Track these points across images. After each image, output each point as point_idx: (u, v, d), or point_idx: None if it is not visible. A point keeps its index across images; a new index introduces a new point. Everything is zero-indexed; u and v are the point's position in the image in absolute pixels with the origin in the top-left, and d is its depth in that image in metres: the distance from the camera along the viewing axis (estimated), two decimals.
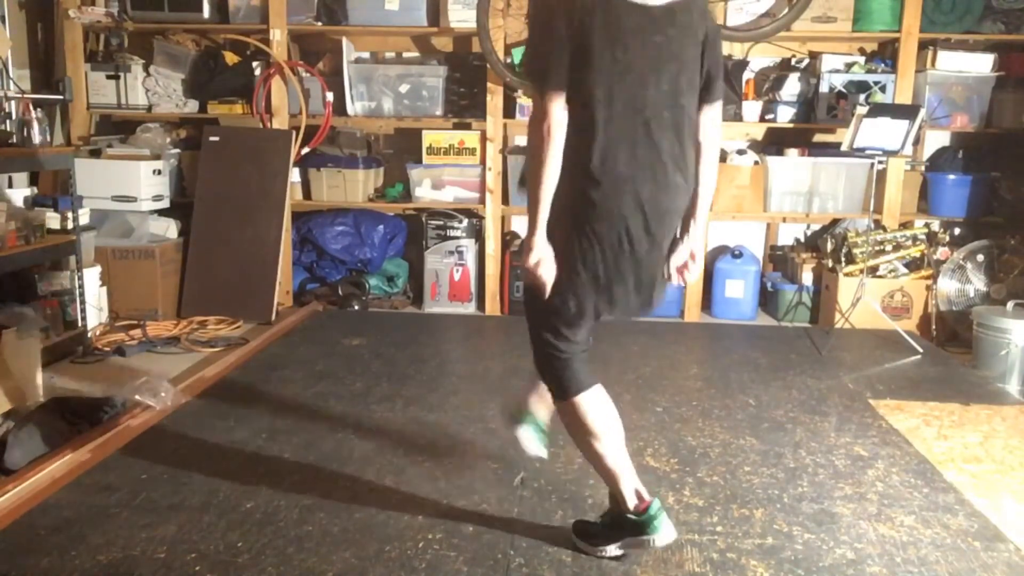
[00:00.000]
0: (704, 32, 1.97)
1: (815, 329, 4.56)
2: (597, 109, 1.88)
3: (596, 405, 2.08)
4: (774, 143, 4.95)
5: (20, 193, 3.85)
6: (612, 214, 1.93)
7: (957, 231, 4.85)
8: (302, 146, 4.73)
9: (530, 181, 1.93)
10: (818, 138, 5.03)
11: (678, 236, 2.10)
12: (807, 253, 4.91)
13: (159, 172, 4.53)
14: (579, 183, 1.91)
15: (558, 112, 1.86)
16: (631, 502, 2.08)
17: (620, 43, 1.87)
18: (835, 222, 4.92)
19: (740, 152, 4.81)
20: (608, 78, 1.87)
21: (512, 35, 4.68)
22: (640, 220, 1.94)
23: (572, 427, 2.13)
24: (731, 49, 4.85)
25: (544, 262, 1.96)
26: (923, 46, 4.53)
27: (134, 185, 4.40)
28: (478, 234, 4.84)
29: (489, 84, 4.63)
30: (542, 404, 2.36)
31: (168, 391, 3.19)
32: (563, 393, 2.10)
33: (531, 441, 2.39)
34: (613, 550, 2.14)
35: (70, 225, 3.80)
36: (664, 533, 2.06)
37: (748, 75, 4.79)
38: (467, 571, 2.08)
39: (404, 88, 4.79)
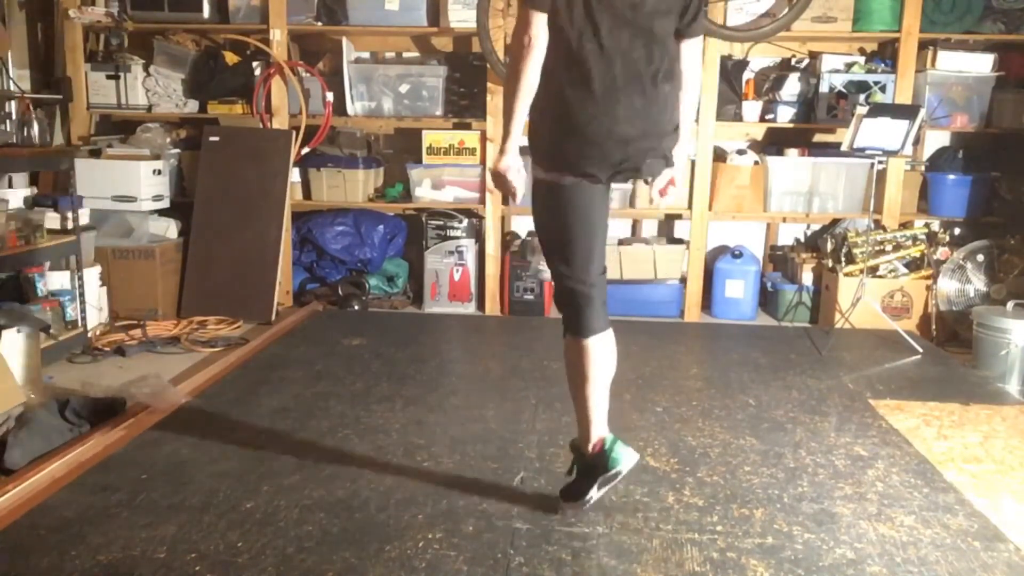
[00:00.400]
0: None
1: (815, 329, 4.56)
2: (584, 33, 2.05)
3: (598, 353, 2.22)
4: (774, 143, 4.94)
5: (20, 193, 3.85)
6: (606, 133, 2.08)
7: (957, 231, 4.85)
8: (302, 146, 4.72)
9: (508, 93, 2.07)
10: (818, 138, 5.03)
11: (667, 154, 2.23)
12: (807, 253, 4.91)
13: (159, 172, 4.53)
14: (571, 105, 2.07)
15: (539, 27, 2.03)
16: (590, 446, 2.25)
17: None
18: (835, 222, 4.92)
19: (740, 152, 4.81)
20: (597, 5, 2.04)
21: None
22: (618, 131, 2.09)
23: (569, 363, 2.29)
24: (731, 49, 4.85)
25: (513, 169, 2.11)
26: (923, 46, 4.53)
27: (134, 185, 4.40)
28: (478, 234, 4.84)
29: (489, 84, 4.63)
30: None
31: (168, 391, 3.19)
32: (573, 331, 2.26)
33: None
34: (595, 493, 2.26)
35: (70, 225, 3.80)
36: (626, 460, 2.22)
37: (748, 75, 4.79)
38: (467, 571, 2.08)
39: (404, 88, 4.80)
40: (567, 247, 2.22)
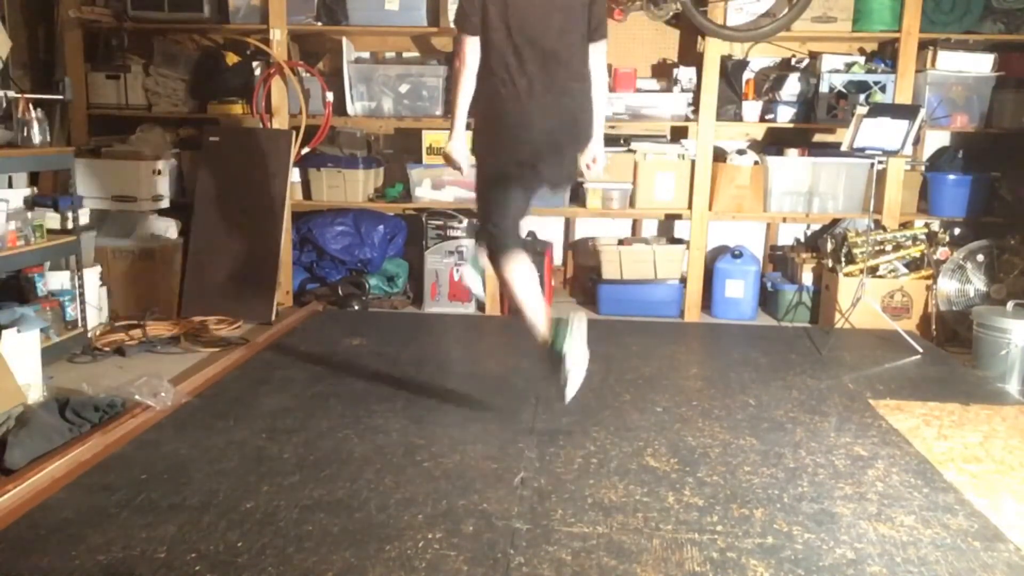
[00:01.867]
0: None
1: (815, 329, 4.56)
2: (503, 48, 2.69)
3: (516, 269, 2.79)
4: (774, 143, 4.94)
5: (20, 193, 3.85)
6: (524, 125, 2.74)
7: (957, 231, 4.85)
8: (302, 146, 4.72)
9: (451, 96, 2.79)
10: (818, 138, 5.03)
11: (584, 142, 2.87)
12: (807, 253, 4.91)
13: (159, 172, 4.52)
14: (496, 103, 2.75)
15: (470, 47, 2.72)
16: (541, 339, 2.75)
17: None
18: (835, 222, 4.92)
19: (740, 152, 4.81)
20: (506, 21, 2.67)
21: None
22: (531, 125, 2.74)
23: (502, 283, 2.89)
24: (731, 49, 4.85)
25: (458, 151, 2.83)
26: (923, 46, 4.53)
27: (134, 185, 4.41)
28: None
29: None
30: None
31: (168, 391, 3.19)
32: (493, 255, 2.85)
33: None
34: (570, 379, 2.69)
35: (70, 225, 3.80)
36: (572, 347, 2.65)
37: (748, 75, 4.79)
38: (467, 571, 2.08)
39: (404, 88, 4.79)
40: (488, 205, 2.88)
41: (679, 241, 5.01)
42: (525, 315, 2.77)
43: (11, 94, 3.86)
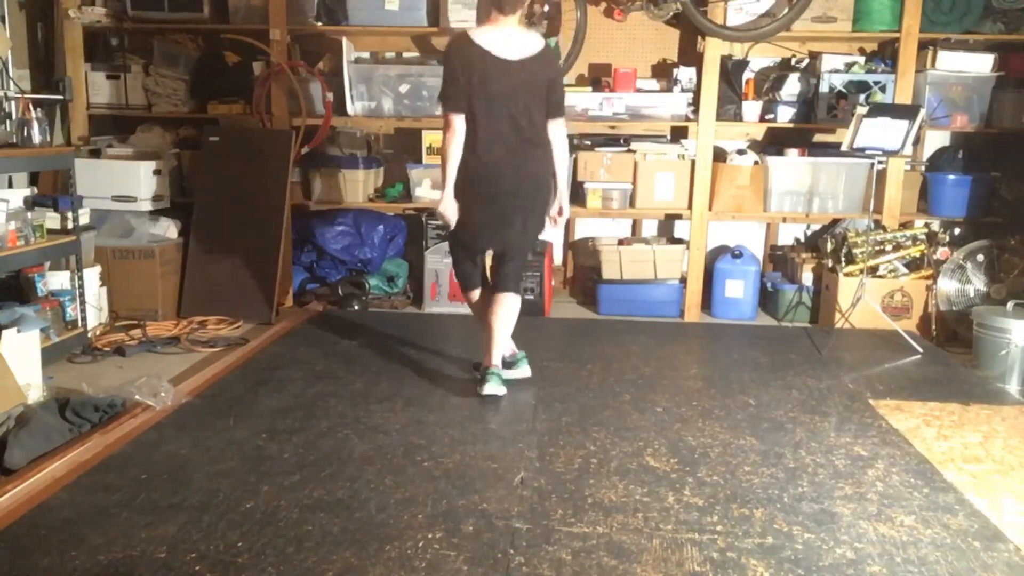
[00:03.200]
0: (549, 73, 3.27)
1: (815, 329, 4.56)
2: (479, 122, 3.17)
3: (480, 299, 3.45)
4: (774, 143, 4.95)
5: (20, 193, 3.85)
6: (492, 182, 3.22)
7: (957, 231, 4.85)
8: (302, 146, 4.72)
9: (442, 164, 3.23)
10: (818, 138, 5.03)
11: (549, 199, 3.39)
12: (807, 253, 4.91)
13: (159, 172, 4.53)
14: (471, 166, 3.20)
15: (458, 124, 3.17)
16: (488, 361, 3.36)
17: (493, 81, 3.14)
18: (835, 222, 4.92)
19: (740, 152, 4.81)
20: (485, 103, 3.16)
21: None
22: (509, 184, 3.23)
23: (472, 309, 3.54)
24: (731, 49, 4.85)
25: (449, 209, 3.24)
26: (923, 46, 4.53)
27: (134, 185, 4.41)
28: None
29: None
30: (494, 355, 3.40)
31: (168, 391, 3.19)
32: (463, 288, 3.51)
33: (496, 387, 3.34)
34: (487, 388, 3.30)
35: (70, 225, 3.80)
36: (490, 386, 3.30)
37: (748, 75, 4.79)
38: (467, 571, 2.08)
39: (404, 88, 4.79)
40: (461, 246, 3.42)
41: (679, 241, 5.01)
42: (489, 340, 3.36)
43: (11, 94, 3.87)
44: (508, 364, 3.52)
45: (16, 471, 2.54)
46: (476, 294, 3.49)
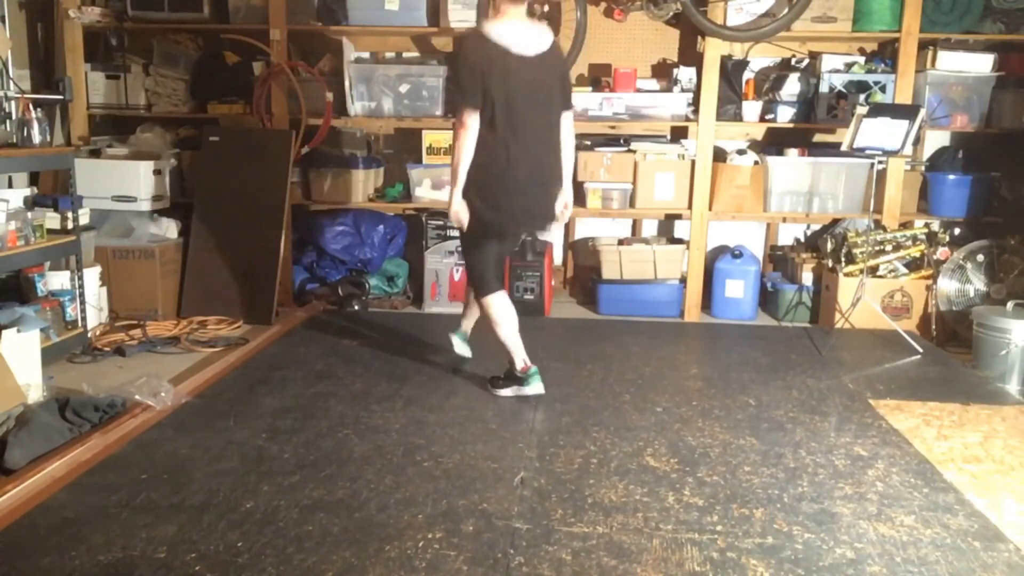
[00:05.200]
0: (561, 67, 3.34)
1: (815, 329, 4.56)
2: (497, 118, 3.12)
3: (499, 304, 3.33)
4: (774, 143, 4.94)
5: (20, 193, 3.85)
6: (514, 178, 3.19)
7: (957, 231, 4.84)
8: (302, 146, 4.72)
9: (453, 162, 3.17)
10: (818, 138, 5.03)
11: (559, 192, 3.36)
12: (807, 253, 4.91)
13: (159, 172, 4.52)
14: (496, 162, 3.16)
15: (472, 120, 3.11)
16: (519, 366, 3.34)
17: (513, 78, 3.11)
18: (835, 222, 4.92)
19: (740, 152, 4.81)
20: (503, 99, 3.10)
21: None
22: (522, 184, 3.20)
23: (487, 316, 3.37)
24: (731, 49, 4.85)
25: (460, 211, 3.19)
26: (923, 46, 4.53)
27: (134, 185, 4.40)
28: None
29: None
30: (467, 320, 3.72)
31: (168, 391, 3.19)
32: (480, 293, 3.37)
33: (459, 345, 3.73)
34: (507, 392, 3.37)
35: (70, 225, 3.80)
36: (534, 387, 3.34)
37: (748, 75, 4.79)
38: (467, 571, 2.08)
39: (404, 88, 4.79)
40: (477, 248, 3.36)
41: (679, 241, 5.01)
42: (507, 346, 3.34)
43: (11, 94, 3.86)
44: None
45: (16, 471, 2.54)
46: (503, 294, 3.38)
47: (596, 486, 2.56)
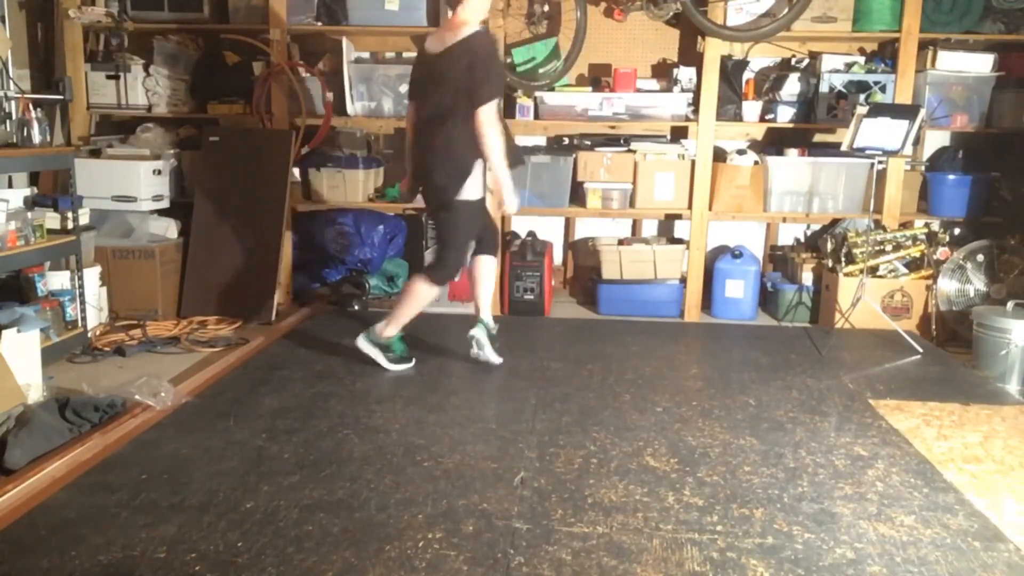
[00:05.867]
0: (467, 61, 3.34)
1: (815, 329, 4.56)
2: (420, 112, 3.54)
3: (432, 296, 3.58)
4: (774, 143, 4.95)
5: (20, 193, 3.85)
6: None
7: (957, 231, 4.85)
8: (302, 146, 4.72)
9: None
10: (818, 138, 5.03)
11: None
12: (807, 253, 4.91)
13: (159, 172, 4.53)
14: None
15: (408, 110, 3.68)
16: (389, 332, 3.62)
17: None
18: (835, 222, 4.92)
19: (740, 152, 4.81)
20: (421, 95, 3.56)
21: (512, 35, 4.68)
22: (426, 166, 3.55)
23: (412, 292, 3.55)
24: (731, 49, 4.85)
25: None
26: (923, 46, 4.53)
27: (134, 185, 4.40)
28: None
29: None
30: (484, 310, 3.77)
31: (168, 391, 3.19)
32: (439, 279, 3.56)
33: (486, 347, 3.73)
34: (384, 363, 3.64)
35: (70, 225, 3.80)
36: (396, 357, 3.66)
37: (748, 75, 4.79)
38: (467, 571, 2.08)
39: (404, 88, 4.78)
40: (470, 238, 3.61)
41: (679, 241, 5.01)
42: (398, 314, 3.57)
43: (11, 94, 3.86)
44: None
45: (16, 471, 2.54)
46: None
47: (596, 486, 2.56)
